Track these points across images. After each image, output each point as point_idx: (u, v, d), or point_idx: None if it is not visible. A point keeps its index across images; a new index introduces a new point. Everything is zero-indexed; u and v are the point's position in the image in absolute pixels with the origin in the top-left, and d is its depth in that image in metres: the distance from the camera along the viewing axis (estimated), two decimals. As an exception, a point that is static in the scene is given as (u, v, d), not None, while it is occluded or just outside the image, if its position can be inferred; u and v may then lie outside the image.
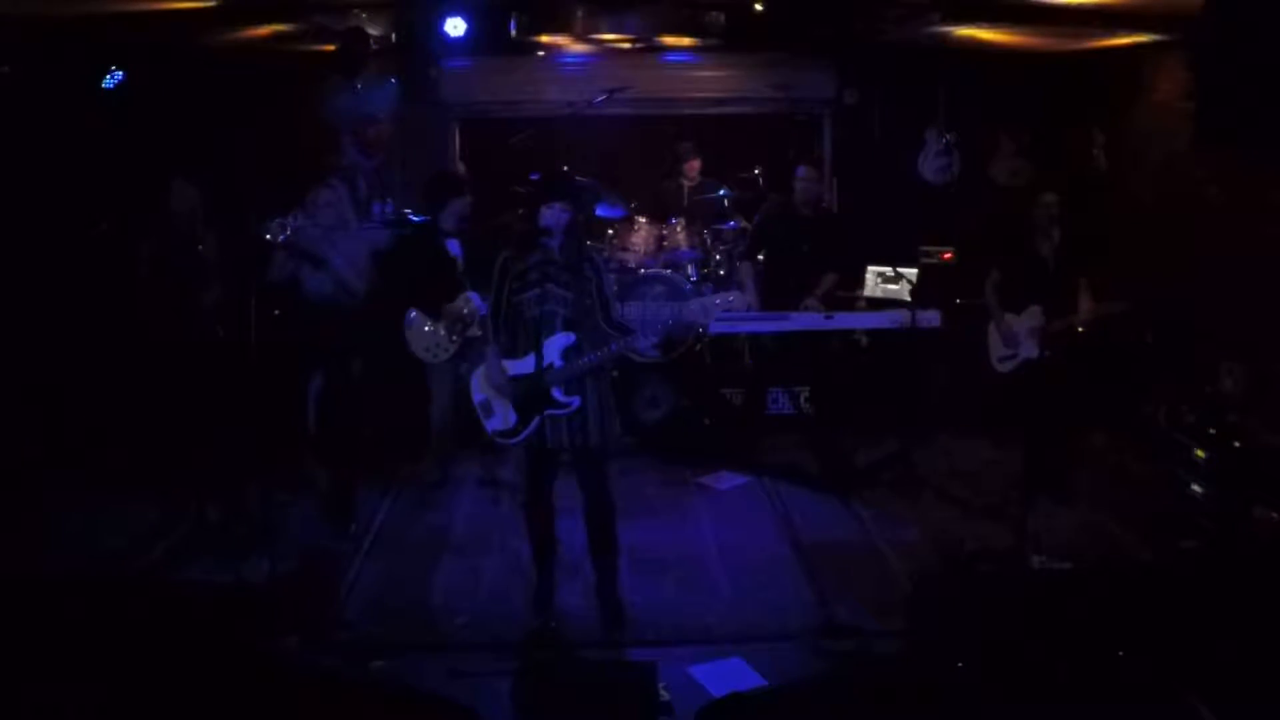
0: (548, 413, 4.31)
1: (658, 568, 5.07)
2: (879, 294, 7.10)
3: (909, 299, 6.29)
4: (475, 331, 5.65)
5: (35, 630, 3.55)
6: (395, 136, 7.16)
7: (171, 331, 5.38)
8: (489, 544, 5.38)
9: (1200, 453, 5.26)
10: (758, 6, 6.98)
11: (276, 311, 5.46)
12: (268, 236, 5.07)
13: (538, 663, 4.08)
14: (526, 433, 4.35)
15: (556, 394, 4.29)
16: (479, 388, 4.48)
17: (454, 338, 5.68)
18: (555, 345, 4.29)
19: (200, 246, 5.39)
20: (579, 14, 7.06)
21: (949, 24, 6.86)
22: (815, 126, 8.49)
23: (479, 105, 8.13)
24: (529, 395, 4.31)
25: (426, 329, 5.68)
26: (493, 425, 4.45)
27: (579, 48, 7.77)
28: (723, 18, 7.06)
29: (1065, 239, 5.74)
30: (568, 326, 4.30)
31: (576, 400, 4.30)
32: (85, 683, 3.31)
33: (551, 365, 4.29)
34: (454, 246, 5.69)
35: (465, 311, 5.62)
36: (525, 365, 4.31)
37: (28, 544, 5.26)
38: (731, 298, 4.38)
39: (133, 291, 5.49)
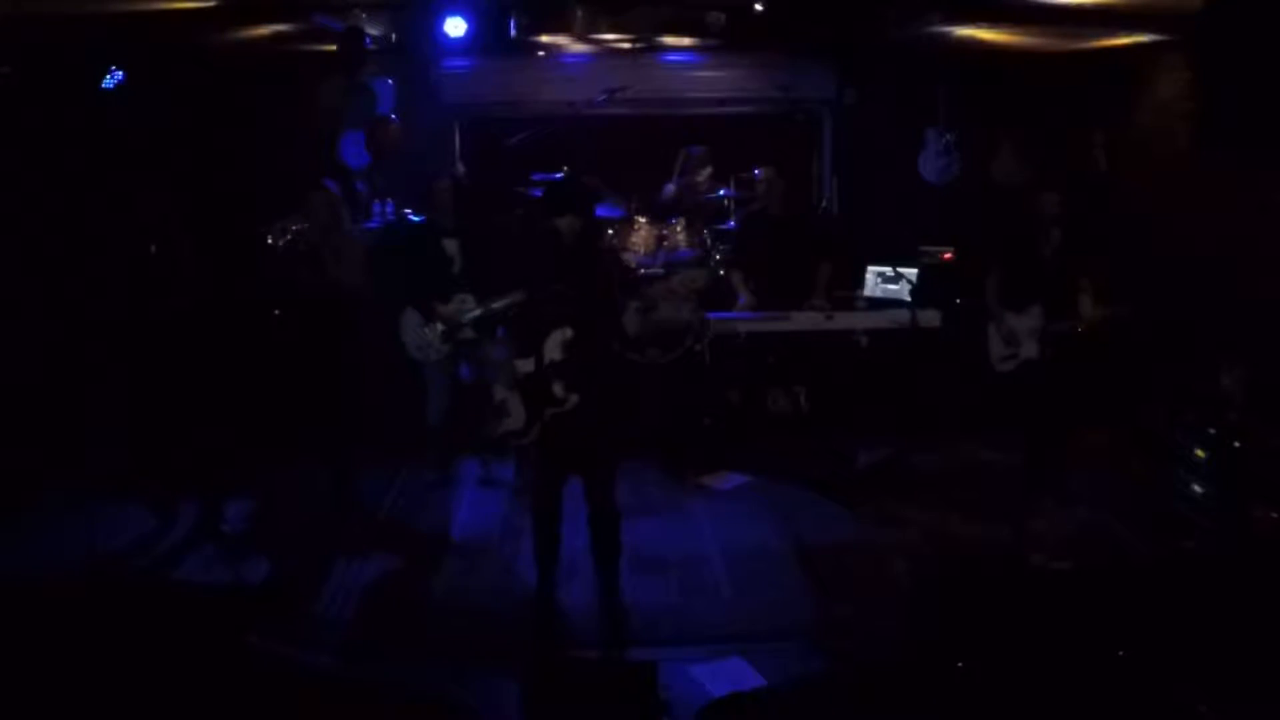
0: (549, 411, 4.31)
1: (658, 568, 5.07)
2: (879, 294, 7.09)
3: (909, 299, 6.28)
4: (468, 334, 5.67)
5: (35, 631, 3.55)
6: (403, 136, 7.18)
7: (167, 332, 5.38)
8: (489, 544, 5.38)
9: (1200, 453, 5.26)
10: (758, 6, 6.97)
11: (276, 311, 5.47)
12: (269, 240, 5.09)
13: (538, 663, 4.09)
14: (533, 432, 4.35)
15: (556, 390, 4.30)
16: (499, 388, 4.48)
17: (444, 339, 5.70)
18: (557, 340, 4.30)
19: (172, 250, 5.36)
20: (579, 14, 7.06)
21: (949, 24, 6.86)
22: (815, 126, 8.49)
23: (479, 105, 8.12)
24: (535, 392, 4.32)
25: (419, 328, 5.72)
26: (508, 426, 4.45)
27: (579, 48, 7.76)
28: (723, 18, 7.05)
29: (1065, 239, 5.74)
30: (570, 324, 4.30)
31: (575, 397, 4.30)
32: (85, 683, 3.31)
33: (552, 362, 4.30)
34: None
35: (457, 312, 5.63)
36: (531, 364, 4.33)
37: (27, 545, 5.26)
38: (741, 302, 4.40)
39: (123, 293, 5.48)
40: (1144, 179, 7.22)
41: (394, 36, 7.38)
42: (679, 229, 7.53)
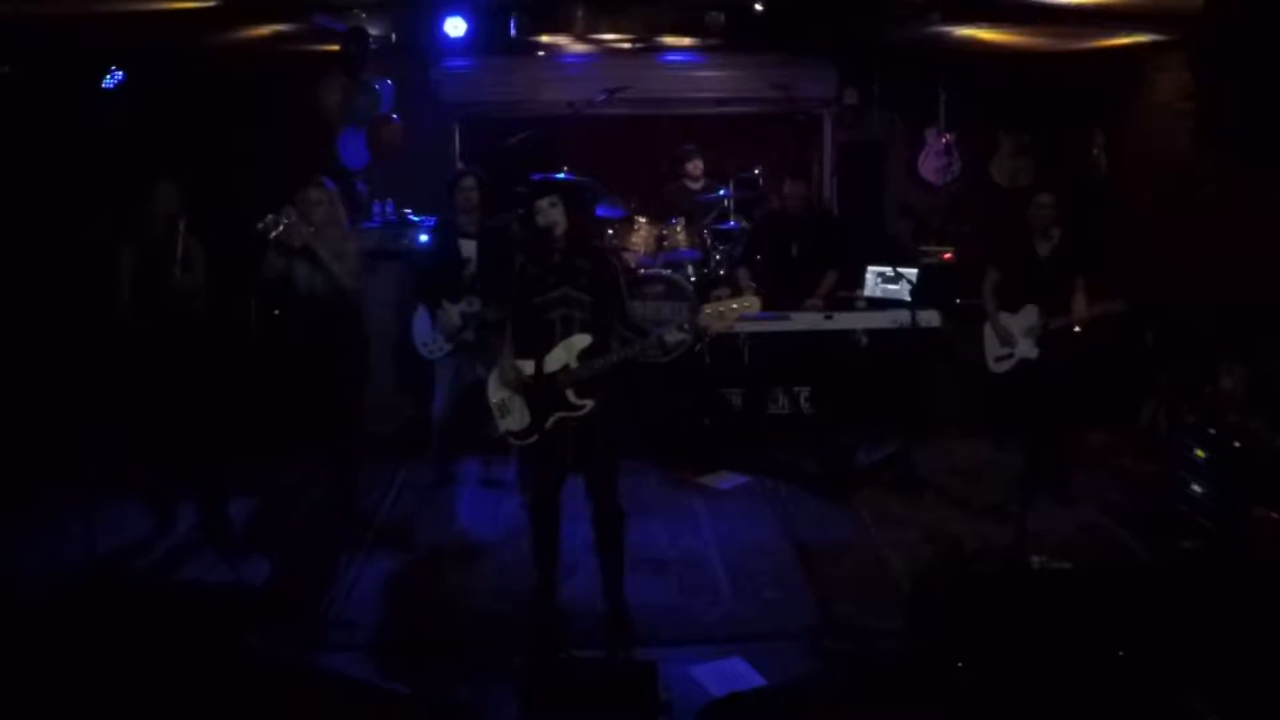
0: (560, 415, 4.30)
1: (658, 568, 5.07)
2: (879, 294, 7.10)
3: (909, 299, 6.29)
4: (469, 335, 5.67)
5: (35, 631, 3.56)
6: (403, 136, 7.19)
7: (163, 332, 5.37)
8: (489, 544, 5.38)
9: (1200, 453, 5.27)
10: (758, 6, 6.97)
11: (276, 311, 5.46)
12: (259, 228, 5.09)
13: (538, 663, 4.09)
14: (539, 433, 4.35)
15: (570, 396, 4.29)
16: (495, 388, 4.47)
17: (448, 338, 5.71)
18: (573, 347, 4.28)
19: (181, 248, 5.36)
20: (579, 14, 7.06)
21: (949, 24, 6.86)
22: (815, 126, 8.50)
23: (479, 105, 8.11)
24: (544, 397, 4.31)
25: (426, 325, 5.74)
26: (508, 425, 4.45)
27: (579, 48, 7.76)
28: (723, 18, 7.05)
29: (1064, 239, 5.74)
30: (585, 328, 4.28)
31: (590, 402, 4.29)
32: (85, 683, 3.31)
33: (568, 366, 4.28)
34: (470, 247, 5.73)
35: (464, 312, 5.64)
36: (544, 366, 4.31)
37: (27, 545, 5.26)
38: (748, 303, 4.37)
39: (118, 292, 5.47)
40: (1144, 179, 7.22)
41: (394, 36, 7.38)
42: (679, 229, 7.53)
